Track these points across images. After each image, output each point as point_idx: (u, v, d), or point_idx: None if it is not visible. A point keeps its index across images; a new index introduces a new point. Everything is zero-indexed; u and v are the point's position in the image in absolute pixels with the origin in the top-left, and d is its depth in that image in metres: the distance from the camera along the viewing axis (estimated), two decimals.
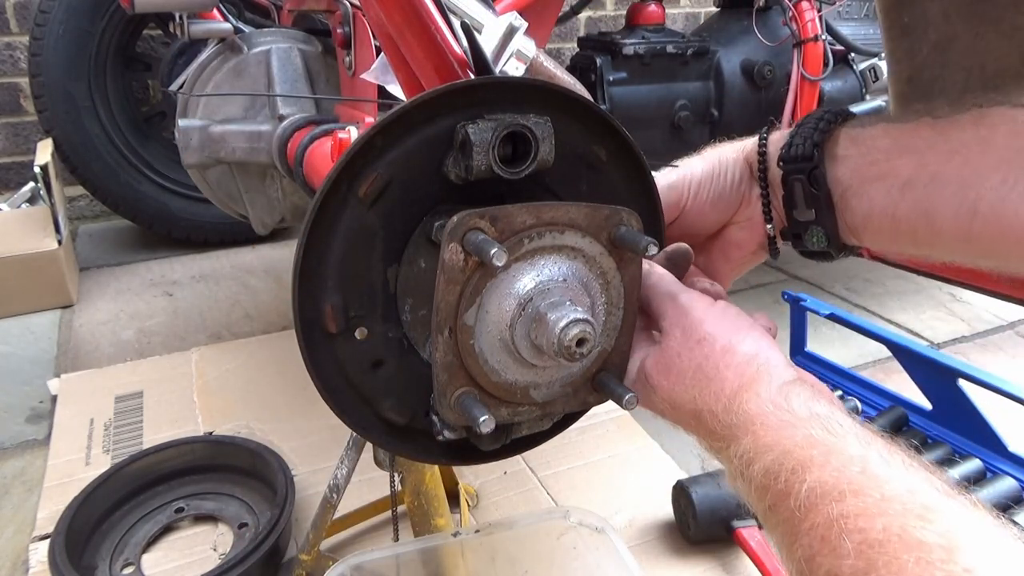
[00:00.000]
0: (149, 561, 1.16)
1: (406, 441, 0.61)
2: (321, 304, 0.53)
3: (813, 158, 0.56)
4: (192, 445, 1.31)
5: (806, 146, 0.57)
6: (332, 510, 1.06)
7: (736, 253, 0.66)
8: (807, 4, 1.85)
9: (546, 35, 1.59)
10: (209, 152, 1.50)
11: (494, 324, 0.52)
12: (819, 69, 1.86)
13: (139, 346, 1.86)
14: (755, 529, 1.16)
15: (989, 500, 1.23)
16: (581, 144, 0.58)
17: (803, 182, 0.57)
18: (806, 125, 0.58)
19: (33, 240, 2.03)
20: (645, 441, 1.46)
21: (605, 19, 3.44)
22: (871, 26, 2.15)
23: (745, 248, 0.66)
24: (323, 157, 1.15)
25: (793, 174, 0.58)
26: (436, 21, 0.70)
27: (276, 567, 1.13)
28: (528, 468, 1.37)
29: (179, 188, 2.38)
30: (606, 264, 0.55)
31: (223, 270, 2.36)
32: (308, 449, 1.40)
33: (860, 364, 1.76)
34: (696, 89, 1.92)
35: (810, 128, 0.58)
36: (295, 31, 1.55)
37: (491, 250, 0.47)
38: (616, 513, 1.26)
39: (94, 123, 2.26)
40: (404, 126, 0.52)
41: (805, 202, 0.58)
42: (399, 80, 0.83)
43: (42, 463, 1.39)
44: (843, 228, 0.57)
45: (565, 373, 0.57)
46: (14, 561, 1.19)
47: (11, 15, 2.56)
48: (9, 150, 2.69)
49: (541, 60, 1.10)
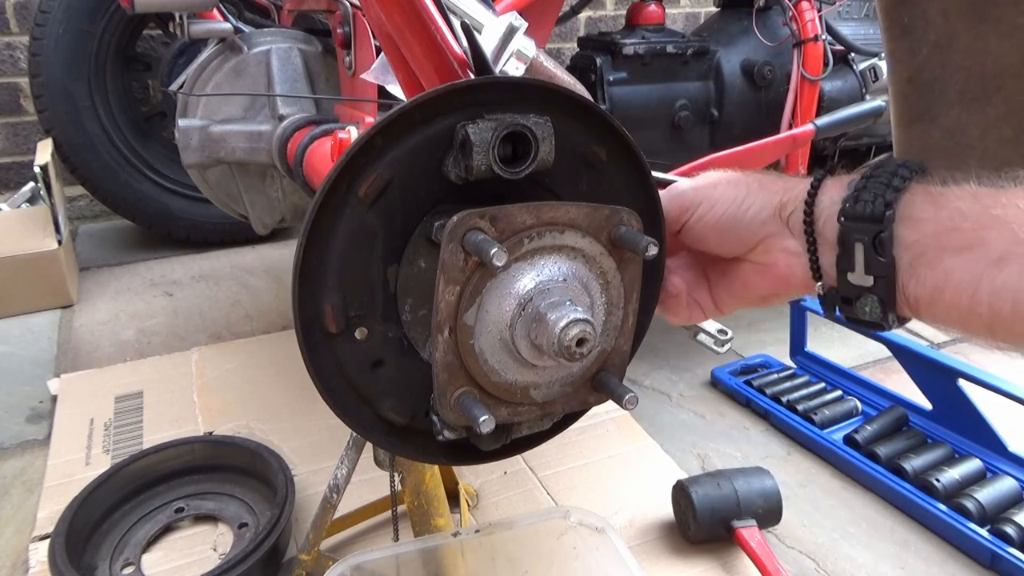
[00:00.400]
0: (149, 561, 1.16)
1: (406, 441, 0.61)
2: (321, 304, 0.53)
3: (883, 220, 0.49)
4: (192, 445, 1.31)
5: (876, 204, 0.50)
6: (332, 510, 1.06)
7: (741, 290, 0.62)
8: (807, 4, 1.85)
9: (546, 35, 1.59)
10: (209, 152, 1.50)
11: (494, 324, 0.52)
12: (819, 69, 1.86)
13: (139, 346, 1.86)
14: (755, 529, 1.16)
15: (989, 500, 1.23)
16: (581, 144, 0.58)
17: (867, 244, 0.50)
18: (877, 179, 0.51)
19: (33, 240, 2.03)
20: (645, 441, 1.46)
21: (605, 19, 3.44)
22: (871, 26, 2.15)
23: (753, 291, 0.61)
24: (323, 157, 1.15)
25: (855, 234, 0.51)
26: (436, 21, 0.70)
27: (276, 567, 1.13)
28: (528, 468, 1.37)
29: (179, 188, 2.38)
30: (606, 264, 0.55)
31: (223, 270, 2.36)
32: (308, 449, 1.40)
33: (860, 364, 1.76)
34: (696, 89, 1.92)
35: (882, 183, 0.50)
36: (295, 31, 1.55)
37: (491, 250, 0.47)
38: (616, 513, 1.27)
39: (94, 123, 2.26)
40: (404, 126, 0.52)
41: (865, 267, 0.51)
42: (399, 80, 0.83)
43: (42, 463, 1.39)
44: (901, 300, 0.51)
45: (565, 373, 0.57)
46: (14, 561, 1.19)
47: (11, 15, 2.56)
48: (9, 150, 2.69)
49: (541, 60, 1.10)
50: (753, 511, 1.18)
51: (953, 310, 0.48)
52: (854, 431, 1.43)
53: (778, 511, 1.21)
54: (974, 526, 1.20)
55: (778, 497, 1.20)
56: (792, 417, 1.52)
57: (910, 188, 0.50)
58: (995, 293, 0.45)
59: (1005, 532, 1.17)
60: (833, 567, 1.19)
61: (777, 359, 1.77)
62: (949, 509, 1.24)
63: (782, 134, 1.83)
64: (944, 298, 0.48)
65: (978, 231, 0.46)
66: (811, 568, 1.19)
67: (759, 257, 0.58)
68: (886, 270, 0.50)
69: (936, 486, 1.27)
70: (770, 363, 1.75)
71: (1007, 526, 1.18)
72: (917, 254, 0.49)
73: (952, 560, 1.20)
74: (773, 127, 1.92)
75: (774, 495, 1.20)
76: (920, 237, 0.49)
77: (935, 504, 1.25)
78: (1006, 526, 1.18)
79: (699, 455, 1.46)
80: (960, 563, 1.19)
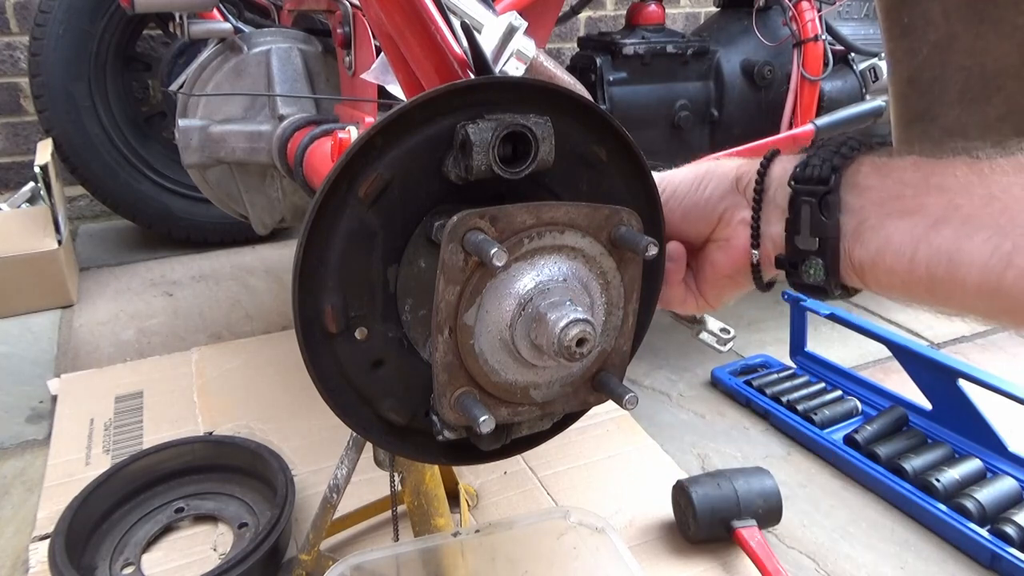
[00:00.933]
0: (149, 561, 1.16)
1: (406, 441, 0.61)
2: (321, 304, 0.53)
3: (830, 182, 0.52)
4: (192, 445, 1.31)
5: (824, 168, 0.53)
6: (332, 510, 1.06)
7: (710, 272, 0.63)
8: (807, 4, 1.85)
9: (546, 35, 1.59)
10: (209, 152, 1.50)
11: (494, 324, 0.52)
12: (819, 69, 1.86)
13: (139, 346, 1.86)
14: (755, 529, 1.16)
15: (989, 500, 1.23)
16: (581, 144, 0.58)
17: (813, 206, 0.53)
18: (827, 147, 0.54)
19: (33, 240, 2.03)
20: (645, 441, 1.46)
21: (605, 19, 3.44)
22: (871, 26, 2.15)
23: (719, 270, 0.62)
24: (323, 157, 1.15)
25: (803, 196, 0.54)
26: (436, 21, 0.70)
27: (276, 567, 1.13)
28: (528, 468, 1.37)
29: (179, 188, 2.38)
30: (606, 264, 0.55)
31: (223, 270, 2.36)
32: (308, 449, 1.40)
33: (860, 364, 1.76)
34: (696, 89, 1.92)
35: (831, 150, 0.54)
36: (295, 31, 1.55)
37: (491, 250, 0.47)
38: (616, 513, 1.27)
39: (94, 123, 2.26)
40: (404, 126, 0.52)
41: (811, 229, 0.53)
42: (399, 80, 0.83)
43: (42, 463, 1.39)
44: (846, 264, 0.53)
45: (565, 373, 0.57)
46: (14, 561, 1.19)
47: (11, 15, 2.56)
48: (9, 150, 2.69)
49: (541, 60, 1.10)
50: (753, 511, 1.18)
51: (894, 274, 0.49)
52: (854, 431, 1.43)
53: (778, 511, 1.21)
54: (974, 526, 1.20)
55: (778, 497, 1.20)
56: (792, 417, 1.52)
57: (857, 159, 0.52)
58: (931, 255, 0.47)
59: (1005, 532, 1.17)
60: (833, 567, 1.19)
61: (777, 359, 1.77)
62: (949, 509, 1.24)
63: (782, 134, 1.83)
64: (885, 261, 0.50)
65: (918, 198, 0.48)
66: (811, 568, 1.19)
67: (720, 233, 0.61)
68: (831, 231, 0.52)
69: (936, 486, 1.27)
70: (770, 363, 1.75)
71: (1007, 526, 1.18)
72: (862, 219, 0.51)
73: (952, 560, 1.20)
74: (773, 127, 1.92)
75: (774, 495, 1.20)
76: (865, 203, 0.51)
77: (935, 504, 1.25)
78: (1006, 526, 1.18)
79: (699, 455, 1.46)
80: (960, 563, 1.19)
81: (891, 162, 0.51)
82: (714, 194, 0.60)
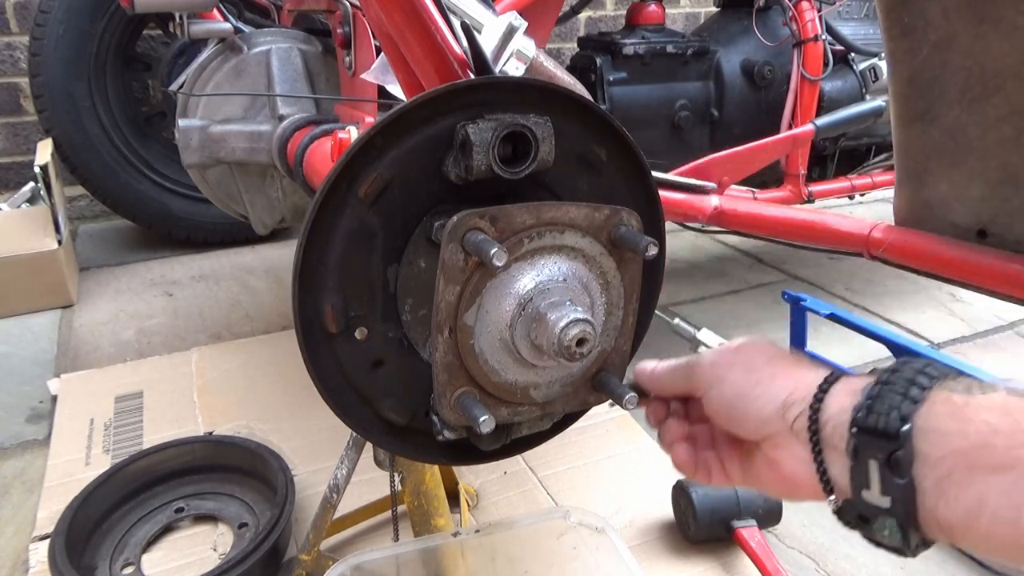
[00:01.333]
0: (149, 561, 1.16)
1: (406, 441, 0.61)
2: (321, 304, 0.53)
3: (899, 436, 0.44)
4: (192, 445, 1.31)
5: (891, 418, 0.44)
6: (332, 510, 1.06)
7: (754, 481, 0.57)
8: (807, 4, 1.85)
9: (546, 35, 1.59)
10: (209, 152, 1.50)
11: (494, 324, 0.52)
12: (819, 69, 1.86)
13: (139, 346, 1.86)
14: (755, 529, 1.16)
15: None
16: (581, 144, 0.58)
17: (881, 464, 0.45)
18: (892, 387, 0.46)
19: (33, 240, 2.03)
20: (645, 441, 1.46)
21: (605, 19, 3.44)
22: (871, 26, 2.15)
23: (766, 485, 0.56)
24: (323, 157, 1.15)
25: (868, 450, 0.45)
26: (436, 21, 0.70)
27: (276, 567, 1.13)
28: (528, 468, 1.37)
29: (179, 188, 2.38)
30: (606, 264, 0.55)
31: (223, 270, 2.36)
32: (308, 449, 1.40)
33: (860, 364, 1.76)
34: (696, 89, 1.92)
35: (898, 393, 0.45)
36: (295, 31, 1.55)
37: (491, 250, 0.47)
38: (616, 513, 1.26)
39: (94, 123, 2.26)
40: (404, 126, 0.52)
41: (882, 487, 0.45)
42: (399, 80, 0.83)
43: (42, 463, 1.39)
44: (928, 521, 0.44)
45: (565, 373, 0.57)
46: (14, 561, 1.19)
47: (11, 15, 2.56)
48: (9, 150, 2.69)
49: (541, 60, 1.10)
50: (753, 511, 1.18)
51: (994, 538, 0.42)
52: None
53: (778, 511, 1.21)
54: None
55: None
56: None
57: (929, 398, 0.45)
58: None
59: None
60: (833, 567, 1.19)
61: None
62: None
63: (782, 134, 1.82)
64: (981, 525, 0.42)
65: (1012, 449, 0.41)
66: (811, 568, 1.19)
67: (768, 451, 0.54)
68: (904, 492, 0.44)
69: None
70: None
71: None
72: (944, 473, 0.43)
73: (952, 560, 1.20)
74: (773, 127, 1.92)
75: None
76: (946, 454, 0.43)
77: None
78: None
79: None
80: (960, 563, 1.19)
81: (973, 402, 0.43)
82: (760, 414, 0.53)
